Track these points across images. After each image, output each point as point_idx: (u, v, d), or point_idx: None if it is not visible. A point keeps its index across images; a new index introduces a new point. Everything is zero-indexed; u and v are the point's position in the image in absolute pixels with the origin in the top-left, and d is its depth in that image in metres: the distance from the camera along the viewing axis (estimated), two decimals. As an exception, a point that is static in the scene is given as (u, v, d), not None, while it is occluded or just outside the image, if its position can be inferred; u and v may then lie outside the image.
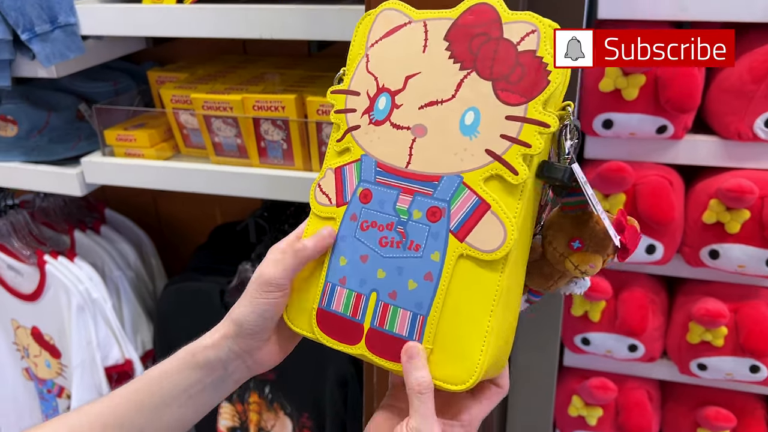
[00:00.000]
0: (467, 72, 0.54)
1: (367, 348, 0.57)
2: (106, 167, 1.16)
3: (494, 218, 0.52)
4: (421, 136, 0.55)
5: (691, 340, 1.10)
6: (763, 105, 0.96)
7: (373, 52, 0.60)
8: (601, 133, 1.03)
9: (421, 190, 0.55)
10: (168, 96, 1.13)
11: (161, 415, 0.61)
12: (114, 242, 1.45)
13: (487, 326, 0.53)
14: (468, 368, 0.53)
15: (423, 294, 0.55)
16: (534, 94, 0.51)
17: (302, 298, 0.61)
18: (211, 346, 0.61)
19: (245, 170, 1.08)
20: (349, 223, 0.59)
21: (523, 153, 0.51)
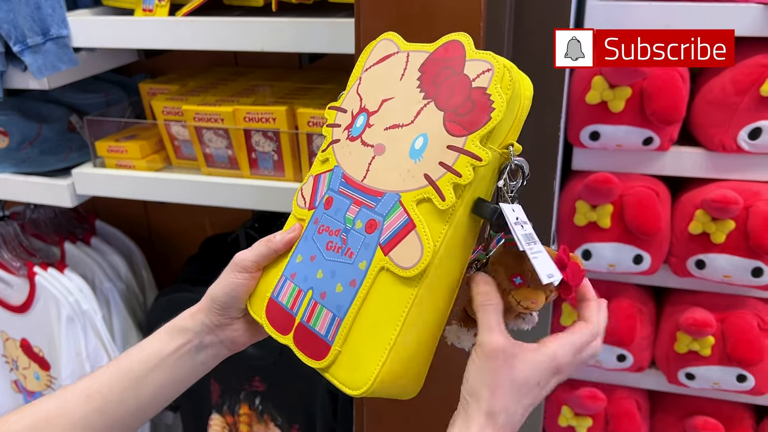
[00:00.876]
0: (428, 101, 0.58)
1: (293, 340, 0.62)
2: (96, 179, 1.16)
3: (415, 238, 0.55)
4: (379, 155, 0.60)
5: (678, 349, 1.11)
6: (747, 117, 0.98)
7: (365, 76, 0.65)
8: (588, 144, 1.04)
9: (367, 203, 0.59)
10: (159, 108, 1.13)
11: (143, 382, 0.66)
12: (104, 254, 1.44)
13: (391, 340, 0.56)
14: (364, 376, 0.56)
15: (345, 298, 0.58)
16: (475, 128, 0.54)
17: (264, 287, 0.66)
18: (188, 317, 0.69)
19: (236, 181, 1.08)
20: (312, 225, 0.64)
21: (454, 182, 0.54)
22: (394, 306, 0.56)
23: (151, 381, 0.67)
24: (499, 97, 0.54)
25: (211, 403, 1.34)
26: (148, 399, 0.67)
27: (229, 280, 0.66)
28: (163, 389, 0.68)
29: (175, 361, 0.68)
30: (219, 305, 0.67)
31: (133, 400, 0.66)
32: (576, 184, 1.07)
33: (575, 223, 1.07)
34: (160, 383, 0.67)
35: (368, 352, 0.57)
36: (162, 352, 0.67)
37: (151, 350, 0.68)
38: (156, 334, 0.69)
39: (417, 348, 0.58)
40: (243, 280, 0.66)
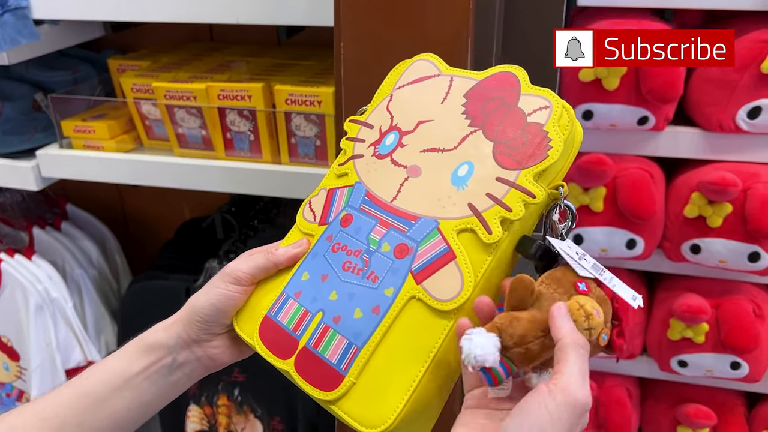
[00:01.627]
0: (474, 129, 0.56)
1: (294, 365, 0.56)
2: (63, 160, 1.10)
3: (456, 270, 0.52)
4: (414, 177, 0.57)
5: (671, 336, 1.07)
6: (746, 95, 0.94)
7: (398, 94, 0.62)
8: (582, 124, 0.99)
9: (397, 225, 0.55)
10: (128, 85, 1.07)
11: (104, 405, 0.59)
12: (75, 239, 1.38)
13: (418, 375, 0.52)
14: (383, 414, 0.52)
15: (365, 325, 0.54)
16: (529, 163, 0.52)
17: (257, 304, 0.60)
18: (162, 329, 0.61)
19: (210, 163, 1.03)
20: (324, 242, 0.59)
21: (502, 216, 0.52)
22: (425, 340, 0.52)
23: (115, 403, 0.59)
24: (557, 135, 0.52)
25: (189, 394, 1.29)
26: (111, 423, 0.60)
27: (218, 291, 0.60)
28: (127, 413, 0.60)
29: (142, 382, 0.60)
30: (201, 317, 0.60)
31: (92, 424, 0.59)
32: (567, 166, 1.02)
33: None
34: (125, 406, 0.60)
35: (390, 387, 0.52)
36: (128, 371, 0.60)
37: (115, 369, 0.60)
38: (122, 350, 0.61)
39: (441, 387, 0.53)
40: (234, 293, 0.60)
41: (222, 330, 0.62)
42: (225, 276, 0.60)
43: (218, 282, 0.60)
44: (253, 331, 0.59)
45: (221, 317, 0.60)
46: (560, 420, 0.46)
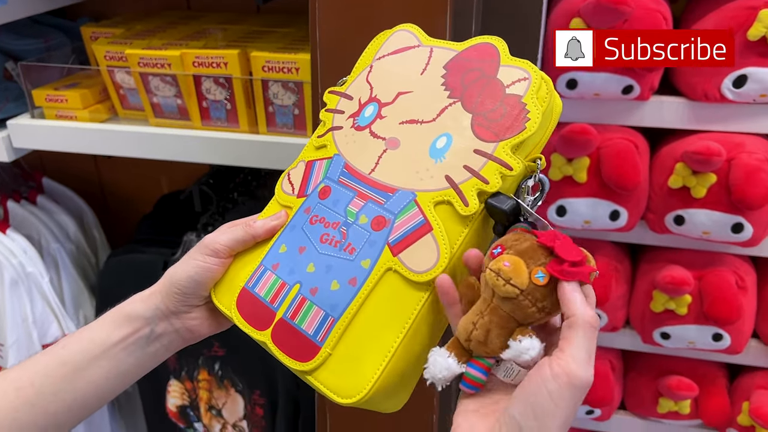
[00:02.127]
0: (453, 101, 0.55)
1: (271, 337, 0.56)
2: (35, 130, 1.06)
3: (432, 241, 0.52)
4: (392, 149, 0.56)
5: (654, 308, 1.07)
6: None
7: (378, 65, 0.61)
8: (565, 93, 0.98)
9: (375, 197, 0.55)
10: (101, 53, 1.03)
11: (82, 374, 0.59)
12: (52, 213, 1.35)
13: (393, 346, 0.52)
14: (358, 384, 0.52)
15: (341, 297, 0.54)
16: (507, 135, 0.52)
17: (235, 276, 0.60)
18: (140, 300, 0.61)
19: (186, 133, 1.00)
20: (302, 214, 0.59)
21: (479, 188, 0.52)
22: (400, 311, 0.52)
23: (92, 373, 0.59)
24: (536, 107, 0.52)
25: (169, 369, 1.27)
26: (88, 393, 0.59)
27: (196, 263, 0.59)
28: (105, 382, 0.60)
29: (120, 352, 0.60)
30: (179, 289, 0.60)
31: (69, 394, 0.58)
32: (551, 136, 1.00)
33: (550, 178, 1.01)
34: (102, 375, 0.60)
35: (365, 358, 0.52)
36: (106, 341, 0.59)
37: (93, 338, 0.59)
38: (100, 320, 0.61)
39: (417, 359, 0.53)
40: (211, 265, 0.59)
41: (200, 302, 0.62)
42: (203, 248, 0.60)
43: (196, 254, 0.60)
44: (231, 302, 0.59)
45: (199, 289, 0.60)
46: (563, 401, 0.45)
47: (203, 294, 0.61)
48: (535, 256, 0.47)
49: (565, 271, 0.45)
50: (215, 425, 1.28)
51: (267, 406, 1.20)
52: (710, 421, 1.14)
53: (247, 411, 1.23)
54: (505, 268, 0.46)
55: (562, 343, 0.46)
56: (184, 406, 1.29)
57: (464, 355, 0.49)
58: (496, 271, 0.46)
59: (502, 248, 0.48)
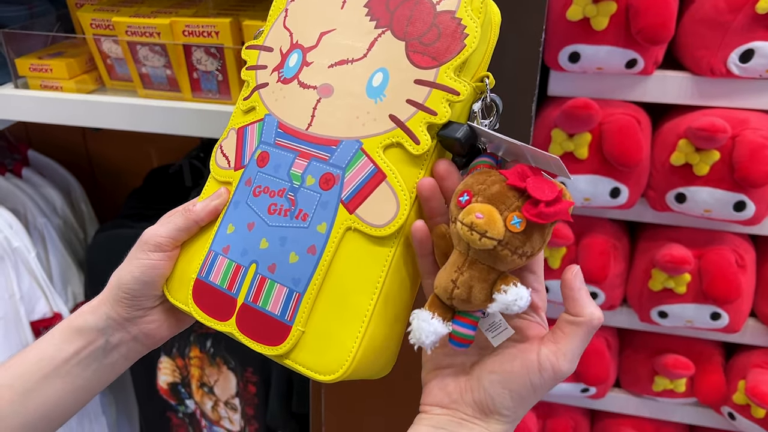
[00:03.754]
0: (382, 30, 0.50)
1: (236, 325, 0.52)
2: (18, 101, 1.03)
3: (389, 190, 0.48)
4: (326, 97, 0.51)
5: (653, 287, 1.06)
6: (739, 38, 0.90)
7: (293, 7, 0.55)
8: (567, 67, 0.95)
9: (318, 154, 0.50)
10: (87, 20, 0.99)
11: (29, 397, 0.54)
12: (38, 186, 1.32)
13: (367, 310, 0.48)
14: (338, 357, 0.48)
15: (303, 269, 0.49)
16: (447, 57, 0.47)
17: (185, 268, 0.56)
18: (89, 311, 0.56)
19: (176, 105, 0.96)
20: (243, 188, 0.54)
21: (428, 121, 0.47)
22: (368, 271, 0.48)
23: (43, 393, 0.54)
24: (472, 20, 0.47)
25: (160, 346, 1.26)
26: (39, 414, 0.55)
27: (140, 262, 0.54)
28: (60, 401, 0.55)
29: (73, 368, 0.55)
30: (128, 294, 0.55)
31: (19, 418, 0.54)
32: (552, 111, 0.98)
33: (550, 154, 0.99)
34: (56, 394, 0.55)
35: (341, 327, 0.48)
36: (56, 357, 0.55)
37: (42, 355, 0.55)
38: (48, 335, 0.56)
39: (395, 318, 0.49)
40: (157, 261, 0.54)
41: (153, 303, 0.57)
42: (144, 245, 0.55)
43: (138, 253, 0.55)
44: (187, 297, 0.55)
45: (149, 289, 0.55)
46: (543, 390, 0.46)
47: (154, 293, 0.56)
48: (507, 200, 0.43)
49: (542, 214, 0.42)
50: (207, 402, 1.27)
51: (260, 384, 1.19)
52: (705, 400, 1.14)
53: (239, 388, 1.22)
54: (478, 221, 0.42)
55: (558, 336, 0.46)
56: (175, 383, 1.28)
57: (448, 313, 0.47)
58: (468, 225, 0.43)
59: (469, 194, 0.44)
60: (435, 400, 0.49)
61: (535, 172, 0.44)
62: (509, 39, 0.83)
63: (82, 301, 1.34)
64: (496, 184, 0.44)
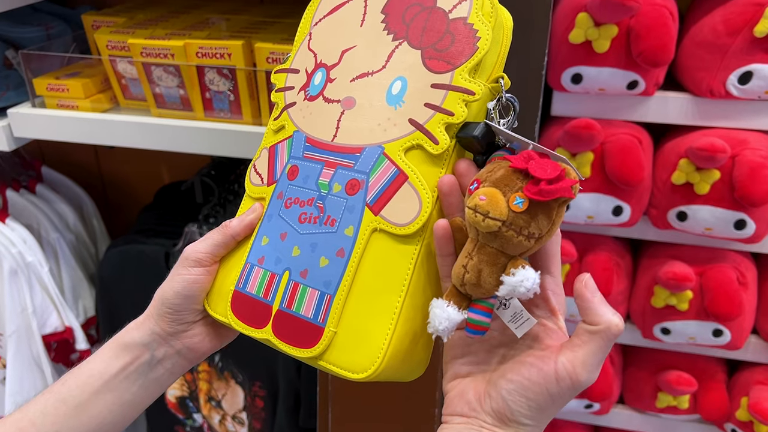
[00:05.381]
0: (399, 42, 0.52)
1: (272, 331, 0.54)
2: (36, 120, 1.06)
3: (411, 190, 0.50)
4: (349, 109, 0.53)
5: (655, 304, 1.07)
6: (737, 60, 0.92)
7: (316, 31, 0.59)
8: (570, 88, 0.97)
9: (344, 162, 0.53)
10: (103, 42, 1.03)
11: (84, 409, 0.57)
12: (51, 202, 1.35)
13: (396, 307, 0.49)
14: (371, 354, 0.50)
15: (333, 271, 0.52)
16: (461, 60, 0.49)
17: (223, 281, 0.58)
18: (135, 327, 0.59)
19: (189, 124, 0.99)
20: (276, 201, 0.57)
21: (446, 122, 0.49)
22: (395, 269, 0.50)
23: (95, 406, 0.57)
24: (483, 25, 0.49)
25: (169, 360, 1.27)
26: (92, 427, 0.57)
27: (182, 278, 0.57)
28: (109, 415, 0.58)
29: (121, 382, 0.58)
30: (171, 309, 0.58)
31: (73, 431, 0.56)
32: (555, 131, 1.00)
33: (553, 172, 1.01)
34: (106, 408, 0.58)
35: (371, 325, 0.50)
36: (105, 373, 0.58)
37: (92, 371, 0.58)
38: (98, 352, 0.59)
39: (424, 315, 0.50)
40: (197, 276, 0.57)
41: (195, 317, 0.60)
42: (185, 261, 0.58)
43: (179, 269, 0.58)
44: (226, 309, 0.57)
45: (191, 303, 0.58)
46: (562, 400, 0.46)
47: (196, 308, 0.59)
48: (511, 182, 0.44)
49: (543, 191, 0.42)
50: (215, 416, 1.28)
51: (267, 398, 1.20)
52: (709, 416, 1.15)
53: (247, 402, 1.23)
54: (481, 203, 0.44)
55: (576, 343, 0.46)
56: (183, 397, 1.29)
57: (464, 301, 0.48)
58: (473, 207, 0.44)
59: (478, 182, 0.46)
60: (455, 410, 0.49)
61: (542, 156, 0.45)
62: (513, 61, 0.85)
63: (93, 316, 1.36)
64: (501, 169, 0.45)
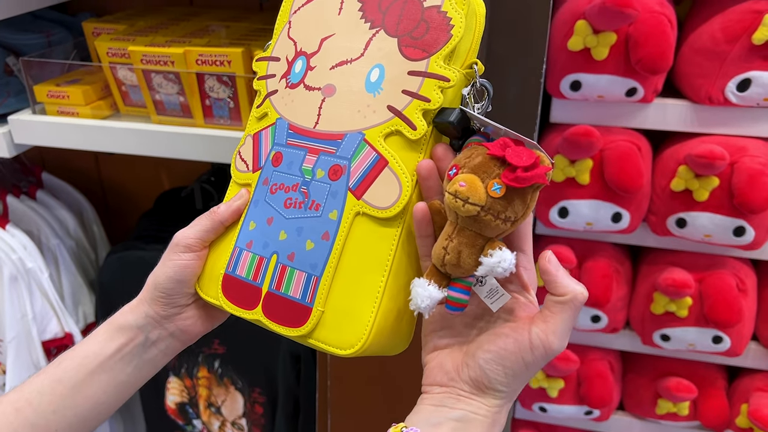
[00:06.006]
0: (376, 30, 0.54)
1: (263, 312, 0.57)
2: (36, 126, 1.06)
3: (391, 174, 0.52)
4: (330, 96, 0.55)
5: (655, 310, 1.07)
6: (736, 67, 0.92)
7: (295, 18, 0.60)
8: (569, 95, 0.97)
9: (326, 149, 0.55)
10: (103, 49, 1.03)
11: (80, 389, 0.59)
12: (51, 208, 1.35)
13: (380, 286, 0.52)
14: (357, 331, 0.52)
15: (318, 254, 0.54)
16: (436, 48, 0.51)
17: (214, 265, 0.61)
18: (129, 311, 0.61)
19: (189, 131, 0.99)
20: (261, 187, 0.59)
21: (423, 108, 0.51)
22: (378, 250, 0.52)
23: (90, 387, 0.59)
24: (456, 13, 0.51)
25: (168, 366, 1.27)
26: (88, 407, 0.59)
27: (173, 263, 0.59)
28: (104, 395, 0.60)
29: (116, 363, 0.60)
30: (163, 293, 0.60)
31: (69, 410, 0.58)
32: (554, 138, 1.01)
33: (552, 180, 1.01)
34: (101, 389, 0.60)
35: (357, 304, 0.52)
36: (100, 354, 0.59)
37: (88, 352, 0.60)
38: (93, 334, 0.61)
39: (407, 294, 0.53)
40: (188, 261, 0.59)
41: (188, 300, 0.62)
42: (175, 246, 0.60)
43: (170, 254, 0.60)
44: (217, 291, 0.59)
45: (182, 287, 0.60)
46: (536, 367, 0.49)
47: (188, 291, 0.61)
48: (489, 169, 0.47)
49: (519, 178, 0.45)
50: (214, 422, 1.28)
51: (267, 404, 1.20)
52: (709, 423, 1.14)
53: (246, 409, 1.23)
54: (461, 189, 0.46)
55: (546, 314, 0.49)
56: (183, 404, 1.29)
57: (444, 280, 0.50)
58: (453, 193, 0.46)
59: (457, 168, 0.48)
60: (434, 380, 0.52)
61: (517, 143, 0.47)
62: (513, 68, 0.86)
63: (93, 322, 1.36)
64: (479, 156, 0.48)
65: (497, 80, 0.82)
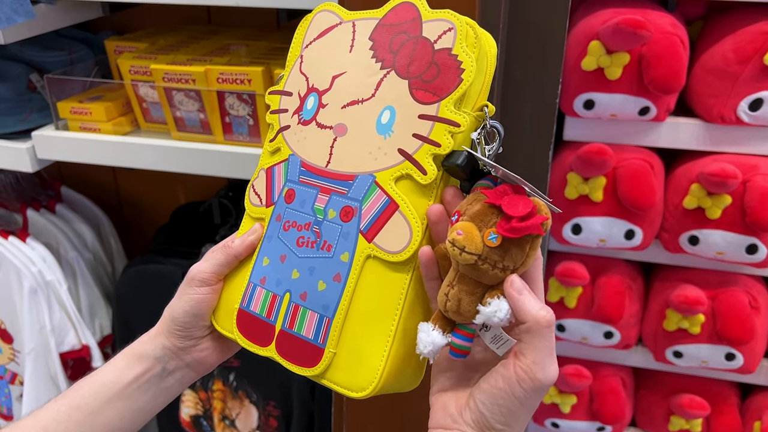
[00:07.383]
0: (387, 71, 0.54)
1: (276, 350, 0.57)
2: (59, 142, 1.08)
3: (402, 218, 0.52)
4: (341, 135, 0.55)
5: (667, 327, 1.08)
6: (748, 87, 0.93)
7: (307, 53, 0.60)
8: (582, 114, 0.99)
9: (338, 189, 0.55)
10: (126, 67, 1.05)
11: (97, 416, 0.59)
12: (70, 222, 1.37)
13: (390, 330, 0.52)
14: (368, 374, 0.52)
15: (330, 295, 0.54)
16: (446, 92, 0.51)
17: (229, 299, 0.61)
18: (147, 340, 0.62)
19: (209, 147, 1.01)
20: (275, 223, 0.59)
21: (433, 153, 0.51)
22: (389, 294, 0.52)
23: (107, 414, 0.59)
24: (467, 56, 0.50)
25: (184, 379, 1.29)
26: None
27: (189, 297, 0.60)
28: (121, 422, 0.60)
29: (134, 392, 0.61)
30: (180, 326, 0.60)
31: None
32: (568, 156, 1.02)
33: (566, 197, 1.03)
34: (117, 416, 0.60)
35: (368, 347, 0.52)
36: (118, 382, 0.60)
37: (105, 380, 0.60)
38: (112, 361, 0.62)
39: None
40: (203, 295, 0.60)
41: (203, 333, 0.62)
42: (191, 281, 0.60)
43: (187, 288, 0.60)
44: (232, 325, 0.60)
45: (198, 320, 0.61)
46: (530, 401, 0.48)
47: (204, 324, 0.62)
48: (486, 217, 0.46)
49: (514, 228, 0.45)
50: (228, 435, 1.29)
51: (281, 418, 1.21)
52: (722, 440, 1.15)
53: (261, 422, 1.24)
54: (458, 237, 0.46)
55: (522, 347, 0.48)
56: (197, 416, 1.30)
57: (448, 325, 0.50)
58: (451, 241, 0.46)
59: (458, 214, 0.48)
60: (439, 422, 0.52)
61: (516, 191, 0.47)
62: (528, 88, 0.87)
63: (109, 334, 1.38)
64: (478, 204, 0.47)
65: (513, 99, 0.84)
